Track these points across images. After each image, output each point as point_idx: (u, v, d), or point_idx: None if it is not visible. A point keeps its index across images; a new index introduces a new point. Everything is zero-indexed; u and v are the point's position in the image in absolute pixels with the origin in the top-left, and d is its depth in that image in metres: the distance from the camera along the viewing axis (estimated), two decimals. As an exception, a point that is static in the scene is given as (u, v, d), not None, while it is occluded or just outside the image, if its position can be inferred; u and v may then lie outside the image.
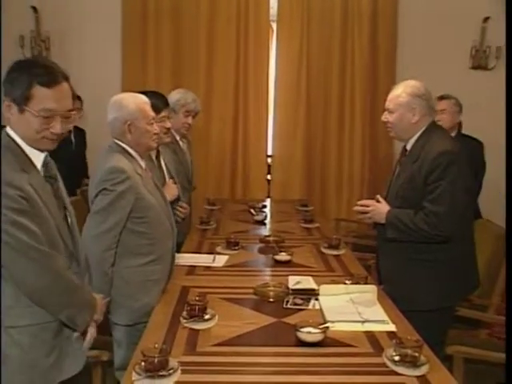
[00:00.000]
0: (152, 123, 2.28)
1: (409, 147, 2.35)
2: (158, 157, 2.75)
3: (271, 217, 3.89)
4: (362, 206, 2.41)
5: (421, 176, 2.21)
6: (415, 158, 2.27)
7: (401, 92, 2.33)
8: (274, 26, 5.06)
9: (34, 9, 4.82)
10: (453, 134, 3.53)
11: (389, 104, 2.37)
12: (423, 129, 2.31)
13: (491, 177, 3.87)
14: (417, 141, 2.31)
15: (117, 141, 2.25)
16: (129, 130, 2.21)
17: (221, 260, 2.71)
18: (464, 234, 2.28)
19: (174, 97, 3.30)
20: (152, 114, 2.30)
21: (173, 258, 2.40)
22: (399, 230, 2.26)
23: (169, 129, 2.71)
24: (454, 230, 2.19)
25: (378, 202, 2.39)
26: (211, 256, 2.75)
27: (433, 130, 2.31)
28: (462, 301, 2.50)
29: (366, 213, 2.39)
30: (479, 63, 5.00)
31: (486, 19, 4.89)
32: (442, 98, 3.61)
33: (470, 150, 3.44)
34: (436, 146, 2.21)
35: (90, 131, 4.81)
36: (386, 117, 2.39)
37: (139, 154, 2.29)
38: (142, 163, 2.31)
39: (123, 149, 2.23)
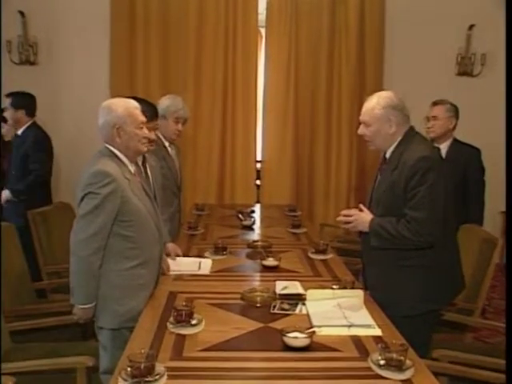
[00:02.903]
0: (141, 127, 2.29)
1: (388, 155, 2.37)
2: (144, 163, 2.75)
3: (259, 222, 3.90)
4: (344, 215, 2.43)
5: (401, 183, 2.23)
6: (394, 166, 2.28)
7: (375, 104, 2.33)
8: (263, 31, 5.09)
9: (22, 13, 4.80)
10: (449, 141, 3.52)
11: (364, 117, 2.37)
12: (401, 137, 2.32)
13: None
14: (395, 149, 2.32)
15: (107, 145, 2.26)
16: (118, 134, 2.22)
17: (206, 266, 2.71)
18: (447, 239, 2.30)
19: (163, 103, 3.32)
20: (142, 118, 2.30)
21: (160, 263, 2.40)
22: (382, 237, 2.28)
23: (153, 140, 2.71)
24: (436, 235, 2.21)
25: (360, 210, 2.40)
26: (197, 262, 2.75)
27: (410, 138, 2.32)
28: (447, 305, 2.52)
29: (349, 222, 2.41)
30: (465, 70, 5.06)
31: (471, 27, 4.96)
32: (435, 103, 3.55)
33: (466, 157, 3.47)
34: (414, 153, 2.22)
35: (76, 135, 4.82)
36: (362, 130, 2.40)
37: (129, 158, 2.30)
38: (132, 168, 2.32)
39: (112, 153, 2.24)
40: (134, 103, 2.30)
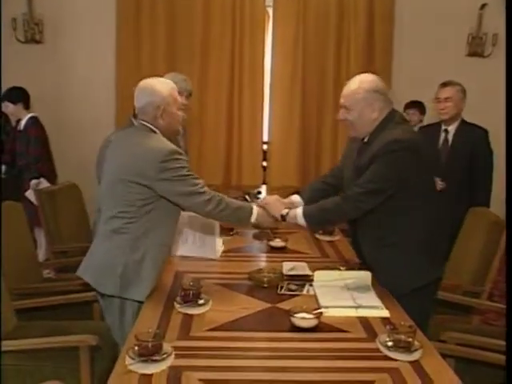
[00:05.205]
0: (180, 108, 2.30)
1: (366, 139, 2.26)
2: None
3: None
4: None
5: (367, 162, 2.15)
6: (369, 147, 2.20)
7: (357, 88, 2.23)
8: (270, 11, 5.02)
9: (27, -9, 4.76)
10: (457, 122, 3.46)
11: (345, 101, 2.26)
12: (380, 120, 2.22)
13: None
14: (373, 131, 2.23)
15: (148, 124, 2.21)
16: (161, 116, 2.20)
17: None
18: (429, 217, 2.23)
19: None
20: (180, 99, 2.32)
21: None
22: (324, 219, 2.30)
23: None
24: (366, 207, 2.14)
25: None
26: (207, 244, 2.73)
27: (388, 121, 2.21)
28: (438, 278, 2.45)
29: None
30: (475, 50, 4.98)
31: (483, 6, 4.87)
32: (445, 84, 3.45)
33: (474, 138, 3.42)
34: (388, 136, 2.13)
35: (81, 114, 4.79)
36: (343, 115, 2.28)
37: (166, 139, 2.27)
38: None
39: (156, 133, 2.21)
40: (172, 84, 2.29)
